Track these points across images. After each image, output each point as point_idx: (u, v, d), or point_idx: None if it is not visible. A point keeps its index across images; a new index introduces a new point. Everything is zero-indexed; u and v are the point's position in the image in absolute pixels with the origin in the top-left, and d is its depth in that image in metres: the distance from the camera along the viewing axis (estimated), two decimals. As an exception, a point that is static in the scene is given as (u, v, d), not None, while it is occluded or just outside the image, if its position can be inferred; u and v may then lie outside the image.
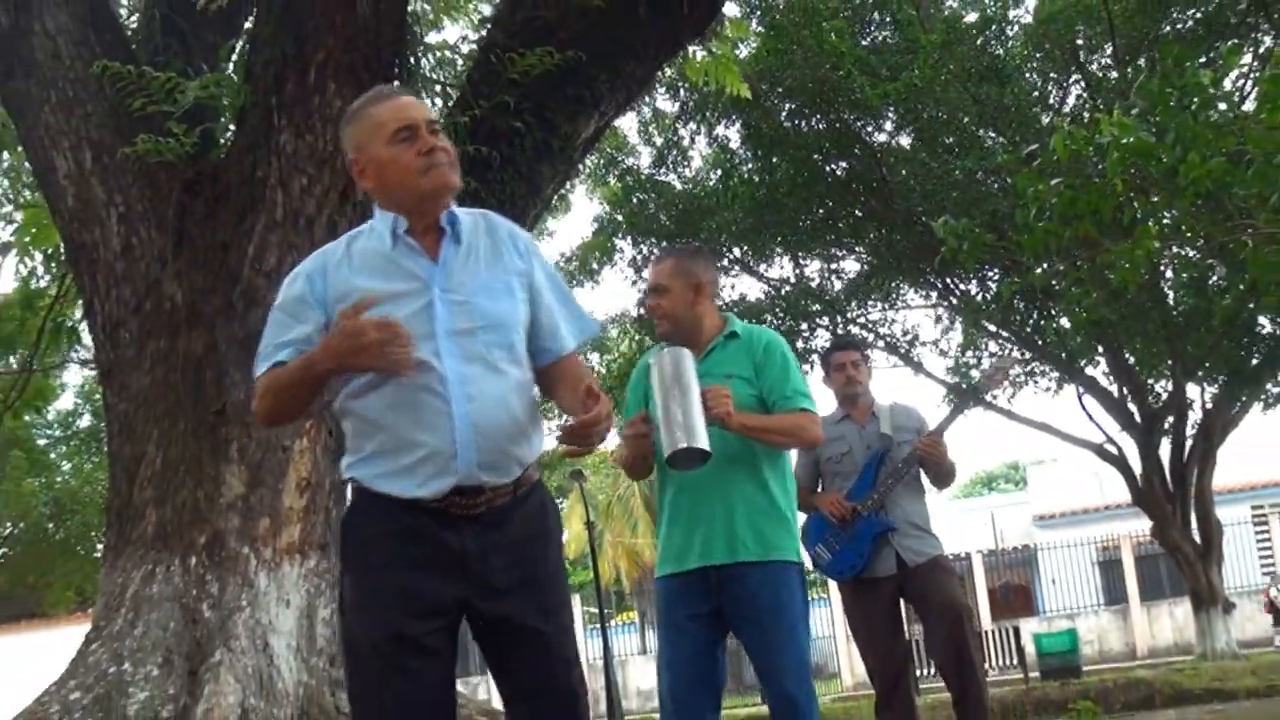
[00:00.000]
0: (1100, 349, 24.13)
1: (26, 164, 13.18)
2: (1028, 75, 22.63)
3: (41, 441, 26.83)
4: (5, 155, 15.06)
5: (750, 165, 23.45)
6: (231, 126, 10.90)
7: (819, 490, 7.63)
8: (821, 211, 23.52)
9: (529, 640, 3.70)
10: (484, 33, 11.68)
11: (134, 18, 12.13)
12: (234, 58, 11.88)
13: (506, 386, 3.73)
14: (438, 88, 12.27)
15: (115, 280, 10.57)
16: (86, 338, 15.62)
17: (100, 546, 11.66)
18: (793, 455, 6.27)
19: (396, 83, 10.00)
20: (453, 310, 3.71)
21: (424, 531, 3.64)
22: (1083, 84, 22.50)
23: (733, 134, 23.57)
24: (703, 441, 5.07)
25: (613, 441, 6.27)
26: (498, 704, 7.06)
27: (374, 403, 3.71)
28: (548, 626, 3.74)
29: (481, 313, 3.75)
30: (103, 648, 9.49)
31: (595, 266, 25.44)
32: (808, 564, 6.41)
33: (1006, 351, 23.57)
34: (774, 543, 5.65)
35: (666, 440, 5.11)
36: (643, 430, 5.58)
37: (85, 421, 26.40)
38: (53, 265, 16.12)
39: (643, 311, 23.33)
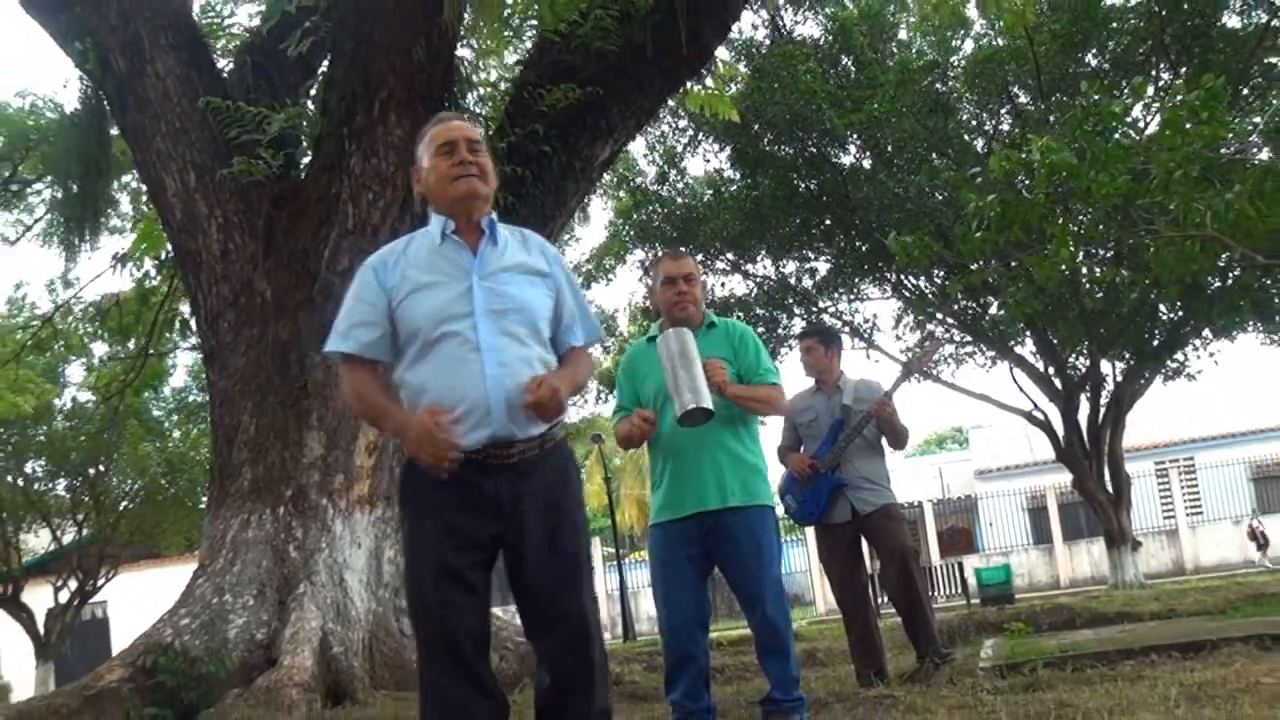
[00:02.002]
0: (1028, 332, 24.17)
1: (142, 184, 13.15)
2: (967, 107, 22.62)
3: (156, 413, 26.81)
4: (125, 177, 15.04)
5: (738, 183, 23.46)
6: (310, 152, 10.89)
7: (800, 451, 7.65)
8: (797, 221, 23.51)
9: (553, 573, 3.71)
10: (517, 73, 11.66)
11: (229, 61, 12.10)
12: (312, 94, 11.86)
13: (531, 356, 3.75)
14: (480, 118, 12.25)
15: (216, 279, 10.58)
16: (193, 327, 15.66)
17: (205, 499, 11.70)
18: (774, 423, 6.33)
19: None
20: (488, 294, 3.74)
21: (465, 479, 3.64)
22: (1012, 114, 22.49)
23: (723, 158, 23.61)
24: (708, 402, 5.16)
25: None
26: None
27: (423, 371, 3.73)
28: (566, 560, 3.75)
29: (511, 297, 3.78)
30: (207, 582, 9.51)
31: (609, 265, 25.46)
32: (780, 511, 6.45)
33: (929, 335, 23.52)
34: (754, 490, 5.71)
35: (678, 402, 5.17)
36: (649, 421, 5.64)
37: (192, 396, 26.35)
38: (163, 268, 16.13)
39: (647, 302, 23.36)
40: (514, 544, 3.69)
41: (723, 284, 24.86)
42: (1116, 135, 12.37)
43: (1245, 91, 19.10)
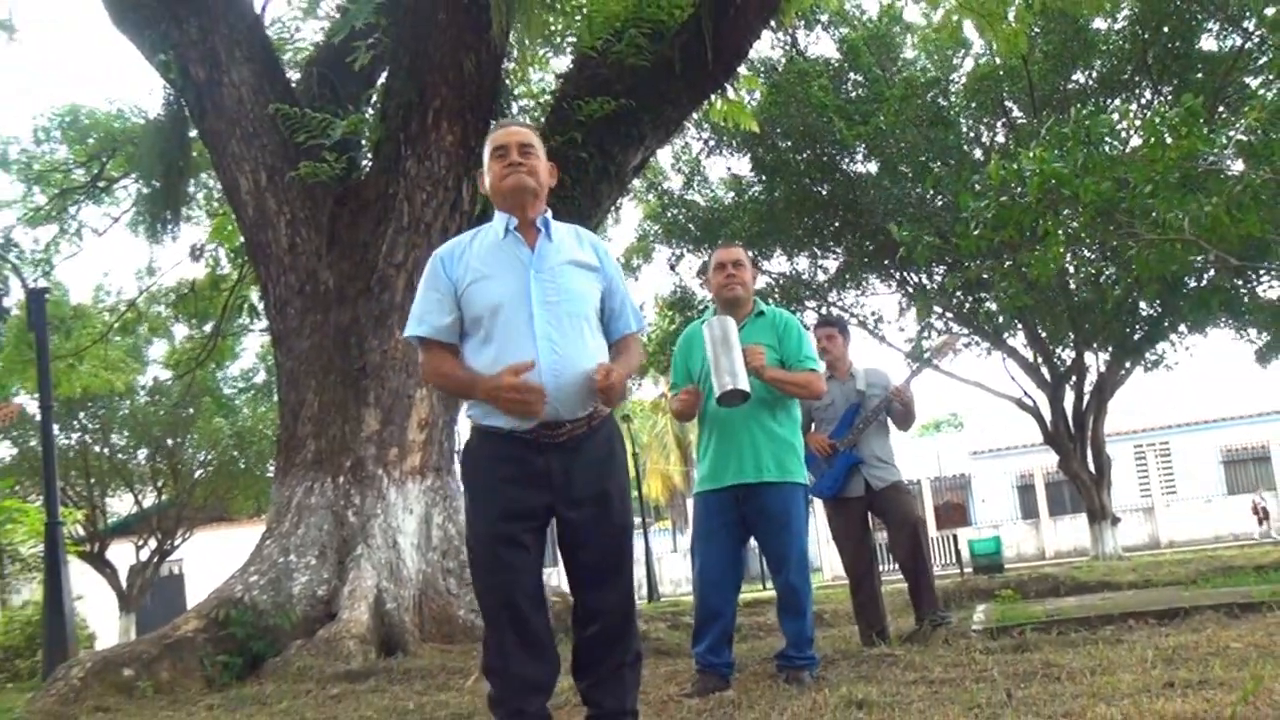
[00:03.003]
0: (1019, 326, 24.10)
1: (218, 183, 13.19)
2: (965, 120, 22.52)
3: (228, 391, 26.93)
4: (203, 175, 15.09)
5: (756, 188, 23.43)
6: (370, 155, 10.90)
7: (811, 431, 7.63)
8: (810, 222, 23.48)
9: (597, 537, 3.73)
10: (558, 86, 11.65)
11: (297, 72, 12.13)
12: (372, 103, 11.88)
13: (582, 344, 3.75)
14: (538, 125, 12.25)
15: (284, 270, 10.60)
16: (262, 312, 15.73)
17: (272, 469, 11.75)
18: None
19: (498, 120, 9.96)
20: (543, 286, 3.75)
21: (519, 456, 3.68)
22: (1007, 127, 22.38)
23: (743, 164, 23.58)
24: (745, 384, 5.16)
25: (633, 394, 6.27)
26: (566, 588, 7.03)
27: (484, 355, 3.73)
28: (610, 528, 3.77)
29: (564, 289, 3.78)
30: (274, 544, 9.55)
31: (637, 263, 25.45)
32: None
33: (949, 329, 23.51)
34: (788, 468, 5.73)
35: (717, 383, 5.17)
36: (693, 399, 5.73)
37: (260, 376, 26.46)
38: (235, 258, 16.20)
39: (679, 292, 23.36)
40: (564, 513, 3.71)
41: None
42: (1104, 147, 12.32)
43: (1221, 109, 18.97)
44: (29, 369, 16.78)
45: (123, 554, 27.58)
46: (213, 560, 21.81)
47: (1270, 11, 14.31)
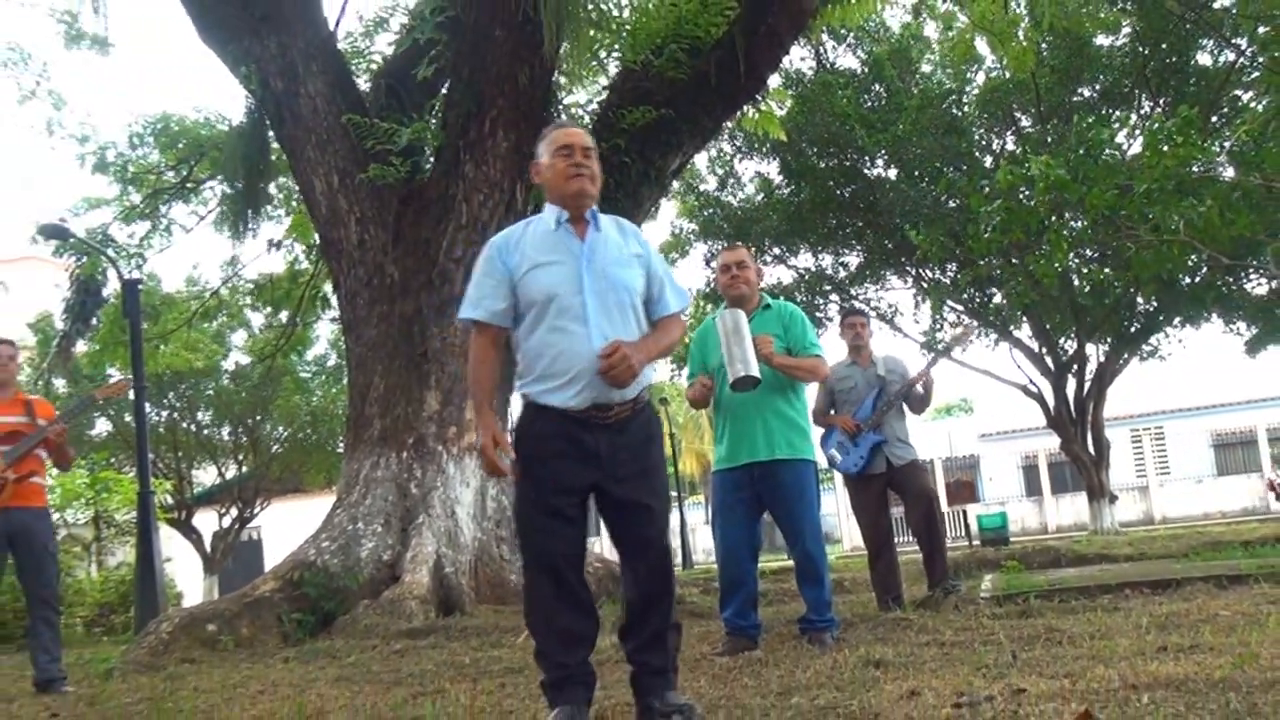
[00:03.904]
0: (1026, 319, 23.97)
1: (294, 184, 13.27)
2: (977, 129, 22.38)
3: (303, 374, 27.03)
4: (281, 178, 15.17)
5: (784, 190, 23.33)
6: (432, 159, 10.93)
7: (833, 413, 7.60)
8: (833, 222, 23.38)
9: (640, 510, 3.72)
10: (603, 96, 11.64)
11: (367, 83, 12.17)
12: (434, 112, 11.91)
13: (629, 331, 3.72)
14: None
15: (354, 264, 10.65)
16: (333, 303, 15.79)
17: (342, 445, 11.83)
18: (812, 388, 6.33)
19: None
20: (594, 276, 3.72)
21: (570, 433, 3.65)
22: (1015, 136, 22.23)
23: (772, 168, 23.46)
24: (755, 371, 5.16)
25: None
26: (609, 555, 7.07)
27: (538, 339, 3.72)
28: (653, 501, 3.74)
29: (613, 278, 3.75)
30: (343, 513, 9.61)
31: (674, 257, 25.37)
32: (822, 463, 6.44)
33: (963, 321, 23.38)
34: (799, 447, 5.75)
35: (730, 370, 5.18)
36: (708, 386, 5.79)
37: (331, 361, 26.56)
38: (310, 254, 16.28)
39: (715, 287, 23.30)
40: (610, 488, 3.69)
41: (771, 273, 24.82)
42: (1104, 156, 12.25)
43: (1215, 119, 18.79)
44: (122, 351, 16.89)
45: (207, 521, 27.80)
46: (288, 527, 21.99)
47: (1261, 30, 14.14)
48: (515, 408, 4.73)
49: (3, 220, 59.30)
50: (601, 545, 24.61)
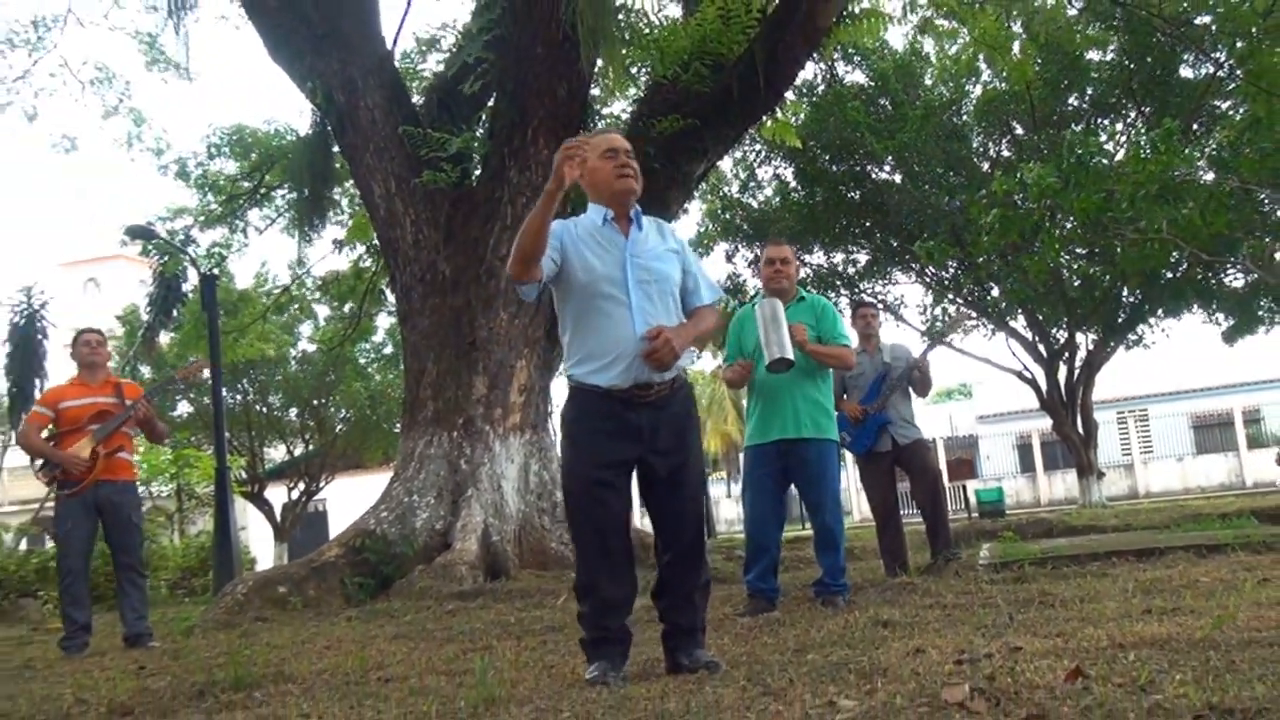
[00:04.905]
0: (1021, 312, 23.84)
1: (356, 189, 13.32)
2: (976, 137, 22.24)
3: (363, 360, 27.14)
4: (345, 184, 15.24)
5: (799, 193, 23.23)
6: (480, 166, 10.94)
7: (844, 398, 7.59)
8: (844, 222, 23.25)
9: (677, 481, 3.73)
10: (635, 108, 11.62)
11: (421, 97, 12.19)
12: (481, 122, 11.93)
13: (669, 317, 3.73)
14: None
15: (409, 261, 10.67)
16: (389, 296, 15.85)
17: (399, 425, 11.90)
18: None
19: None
20: (637, 268, 3.73)
21: (614, 412, 3.66)
22: (1011, 143, 22.08)
23: (788, 173, 23.35)
24: (790, 354, 5.18)
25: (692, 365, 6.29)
26: (643, 526, 7.08)
27: (587, 322, 3.73)
28: (689, 474, 3.76)
29: (653, 270, 3.76)
30: (400, 486, 9.66)
31: (699, 253, 25.28)
32: (840, 443, 6.47)
33: (959, 311, 23.27)
34: (824, 427, 5.78)
35: (767, 353, 5.19)
36: (745, 370, 5.79)
37: (389, 349, 26.63)
38: (371, 251, 16.35)
39: (730, 281, 23.28)
40: (651, 461, 3.70)
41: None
42: (1092, 163, 12.14)
43: (1196, 127, 18.60)
44: (202, 342, 17.02)
45: (277, 494, 27.95)
46: (350, 500, 22.13)
47: (1239, 45, 14.01)
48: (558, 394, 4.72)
49: (93, 224, 59.73)
50: (639, 516, 24.63)
